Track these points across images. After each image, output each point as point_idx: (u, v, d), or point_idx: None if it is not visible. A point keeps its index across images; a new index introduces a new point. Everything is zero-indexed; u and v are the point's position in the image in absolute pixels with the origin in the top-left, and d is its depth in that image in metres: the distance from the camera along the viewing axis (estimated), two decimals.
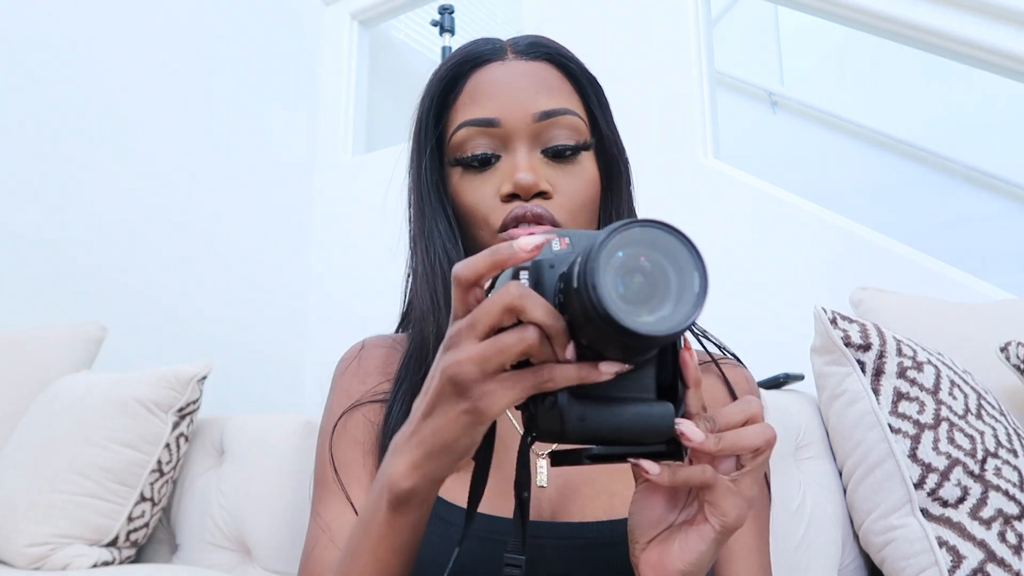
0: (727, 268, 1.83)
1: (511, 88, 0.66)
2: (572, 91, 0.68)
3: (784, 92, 3.32)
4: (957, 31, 1.67)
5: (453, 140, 0.67)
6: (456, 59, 0.69)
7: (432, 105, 0.69)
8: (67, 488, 1.22)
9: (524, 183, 0.63)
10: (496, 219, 0.65)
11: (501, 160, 0.66)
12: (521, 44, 0.69)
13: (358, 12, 2.76)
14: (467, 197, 0.66)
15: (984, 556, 0.85)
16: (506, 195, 0.64)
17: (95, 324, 1.57)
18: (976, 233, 2.62)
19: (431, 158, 0.69)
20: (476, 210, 0.66)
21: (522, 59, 0.68)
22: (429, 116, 0.69)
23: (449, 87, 0.68)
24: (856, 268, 1.65)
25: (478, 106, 0.66)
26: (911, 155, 2.95)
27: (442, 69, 0.69)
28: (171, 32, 2.27)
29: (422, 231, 0.68)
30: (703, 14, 2.07)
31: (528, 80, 0.66)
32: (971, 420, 0.92)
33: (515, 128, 0.65)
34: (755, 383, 0.74)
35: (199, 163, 2.28)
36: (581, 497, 0.62)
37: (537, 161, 0.65)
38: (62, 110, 1.97)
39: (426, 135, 0.69)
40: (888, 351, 0.95)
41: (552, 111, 0.65)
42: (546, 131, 0.66)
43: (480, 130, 0.65)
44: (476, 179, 0.66)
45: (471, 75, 0.68)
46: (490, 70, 0.67)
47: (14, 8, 1.90)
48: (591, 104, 0.69)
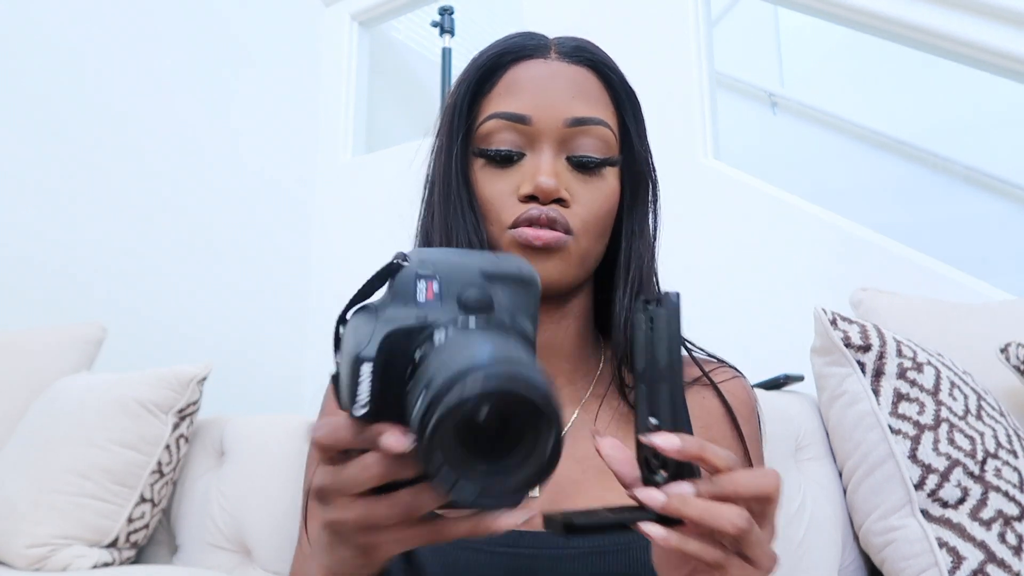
0: (727, 269, 1.83)
1: (547, 88, 0.64)
2: (609, 102, 0.67)
3: (784, 93, 3.32)
4: (957, 32, 1.67)
5: (481, 129, 0.65)
6: (498, 49, 0.67)
7: (468, 92, 0.67)
8: (67, 489, 1.22)
9: (545, 187, 0.62)
10: (509, 216, 0.63)
11: (525, 159, 0.65)
12: (566, 46, 0.67)
13: (358, 13, 2.76)
14: (484, 190, 0.65)
15: (984, 557, 0.85)
16: (524, 196, 0.63)
17: (95, 325, 1.56)
18: (976, 234, 2.62)
19: (463, 144, 0.67)
20: (490, 204, 0.65)
21: (564, 60, 0.66)
22: (464, 103, 0.67)
23: (486, 76, 0.67)
24: (856, 269, 1.65)
25: (512, 100, 0.64)
26: (911, 156, 2.95)
27: (482, 57, 0.67)
28: (171, 33, 2.27)
29: (444, 221, 0.66)
30: (703, 15, 2.07)
31: (566, 83, 0.65)
32: (971, 421, 0.92)
33: (545, 129, 0.64)
34: (754, 394, 0.73)
35: (199, 163, 2.28)
36: (573, 505, 0.61)
37: (561, 167, 0.64)
38: (62, 111, 1.97)
39: (458, 122, 0.67)
40: (888, 352, 0.95)
41: (585, 119, 0.64)
42: (575, 138, 0.64)
43: (509, 124, 0.64)
44: (497, 173, 0.65)
45: (510, 67, 0.66)
46: (530, 66, 0.66)
47: (16, 8, 1.90)
48: (626, 118, 0.67)
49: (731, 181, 1.89)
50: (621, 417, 0.68)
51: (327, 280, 2.56)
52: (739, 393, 0.71)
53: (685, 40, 2.04)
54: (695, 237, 1.86)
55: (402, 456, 0.35)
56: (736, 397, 0.70)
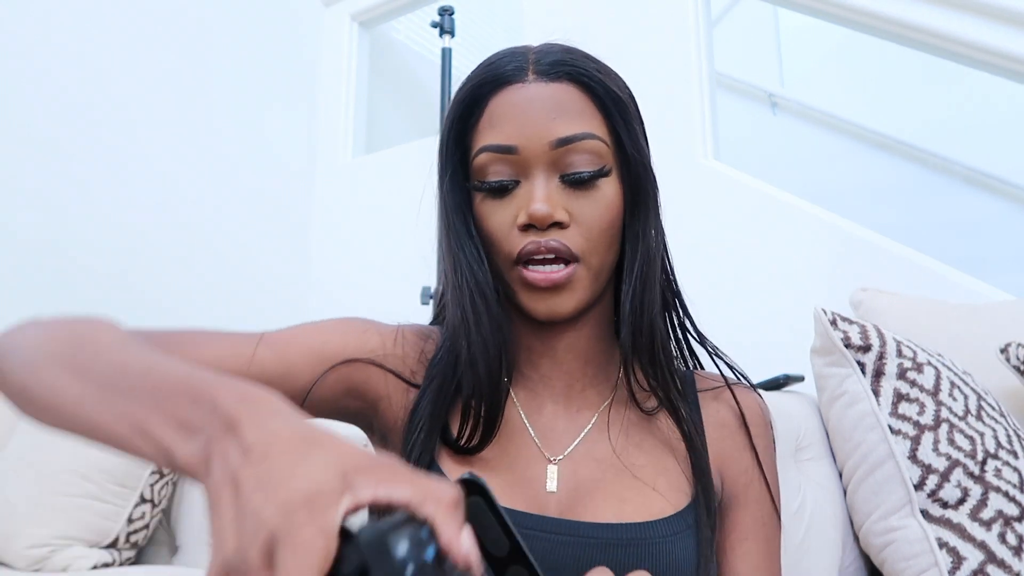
0: (727, 269, 1.83)
1: (527, 113, 0.64)
2: (595, 112, 0.66)
3: (784, 93, 3.32)
4: (957, 32, 1.68)
5: (475, 163, 0.66)
6: (476, 80, 0.67)
7: (453, 127, 0.68)
8: (67, 490, 1.22)
9: (538, 214, 0.62)
10: (511, 248, 0.64)
11: (519, 187, 0.65)
12: (543, 63, 0.67)
13: (358, 14, 2.76)
14: (487, 223, 0.66)
15: (984, 557, 0.85)
16: (522, 225, 0.64)
17: None
18: (976, 234, 2.62)
19: (453, 178, 0.68)
20: (494, 237, 0.66)
21: (542, 80, 0.66)
22: (450, 138, 0.68)
23: (470, 109, 0.67)
24: (856, 269, 1.65)
25: (496, 131, 0.65)
26: (911, 156, 2.95)
27: (463, 91, 0.68)
28: (172, 34, 2.27)
29: (449, 249, 0.68)
30: (703, 15, 2.08)
31: (545, 105, 0.65)
32: (971, 421, 0.92)
33: (532, 155, 0.64)
34: (767, 411, 0.74)
35: (199, 165, 2.28)
36: (592, 501, 0.63)
37: (554, 188, 0.64)
38: (63, 112, 1.97)
39: (448, 157, 0.69)
40: (888, 352, 0.95)
41: (569, 137, 0.64)
42: (564, 157, 0.64)
43: (498, 156, 0.65)
44: (495, 205, 0.66)
45: (490, 98, 0.66)
46: (509, 94, 0.66)
47: (15, 10, 1.91)
48: (616, 124, 0.67)
49: (731, 181, 1.89)
50: (639, 421, 0.69)
51: (327, 281, 2.56)
52: (753, 407, 0.72)
53: (685, 40, 2.05)
54: (695, 237, 1.86)
55: None
56: (750, 410, 0.72)
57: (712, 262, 1.85)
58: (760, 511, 0.70)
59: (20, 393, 0.50)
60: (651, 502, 0.63)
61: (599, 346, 0.70)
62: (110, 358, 0.47)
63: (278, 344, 0.65)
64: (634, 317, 0.66)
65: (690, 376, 0.74)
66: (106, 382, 0.44)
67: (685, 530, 0.62)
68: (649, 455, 0.67)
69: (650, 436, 0.68)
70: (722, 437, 0.70)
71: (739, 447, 0.70)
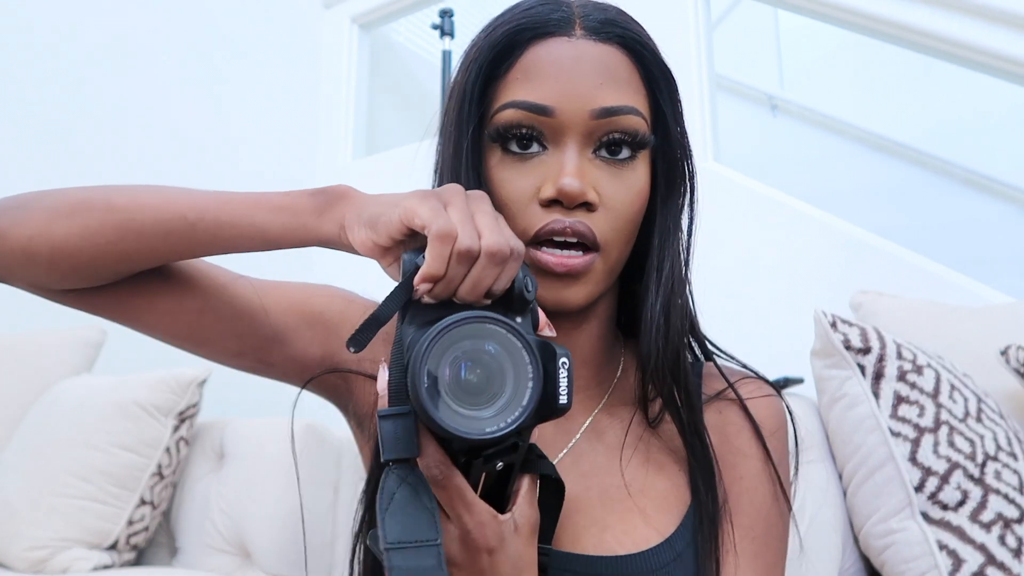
0: (727, 271, 1.83)
1: (572, 73, 0.56)
2: (640, 84, 0.59)
3: (784, 95, 3.32)
4: (956, 34, 1.68)
5: (496, 118, 0.58)
6: (514, 24, 0.58)
7: (480, 74, 0.58)
8: (67, 492, 1.22)
9: (569, 190, 0.55)
10: (531, 225, 0.56)
11: (547, 154, 0.57)
12: (592, 19, 0.59)
13: (358, 16, 2.77)
14: (502, 189, 0.58)
15: (984, 559, 0.85)
16: (546, 200, 0.56)
17: (95, 328, 1.57)
18: (976, 236, 2.62)
19: (475, 134, 0.59)
20: (509, 207, 0.57)
21: (591, 38, 0.58)
22: (475, 88, 0.58)
23: (502, 55, 0.58)
24: (856, 271, 1.65)
25: (532, 87, 0.56)
26: (911, 158, 2.95)
27: (497, 33, 0.58)
28: (172, 36, 2.27)
29: None
30: (703, 17, 2.08)
31: (593, 67, 0.57)
32: (971, 424, 0.92)
33: (569, 121, 0.56)
34: (784, 413, 0.67)
35: (199, 166, 2.28)
36: (573, 525, 0.58)
37: (587, 163, 0.57)
38: (63, 112, 1.97)
39: (470, 111, 0.59)
40: (888, 355, 0.95)
41: (614, 108, 0.57)
42: (602, 129, 0.57)
43: (530, 115, 0.56)
44: (516, 168, 0.58)
45: (529, 46, 0.58)
46: (552, 46, 0.57)
47: (17, 8, 1.91)
48: (661, 100, 0.60)
49: (731, 184, 1.89)
50: (636, 427, 0.63)
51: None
52: (765, 408, 0.65)
53: (685, 42, 2.05)
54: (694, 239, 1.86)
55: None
56: (762, 411, 0.65)
57: (711, 264, 1.85)
58: (752, 523, 0.61)
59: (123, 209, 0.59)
60: (635, 529, 0.58)
61: (599, 345, 0.64)
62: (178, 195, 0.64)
63: (260, 284, 0.64)
64: (657, 335, 0.59)
65: (698, 367, 0.67)
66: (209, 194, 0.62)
67: (672, 560, 0.57)
68: (643, 466, 0.61)
69: (646, 444, 0.62)
70: (727, 438, 0.64)
71: (747, 447, 0.63)
